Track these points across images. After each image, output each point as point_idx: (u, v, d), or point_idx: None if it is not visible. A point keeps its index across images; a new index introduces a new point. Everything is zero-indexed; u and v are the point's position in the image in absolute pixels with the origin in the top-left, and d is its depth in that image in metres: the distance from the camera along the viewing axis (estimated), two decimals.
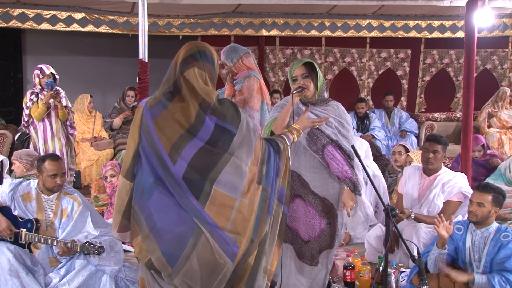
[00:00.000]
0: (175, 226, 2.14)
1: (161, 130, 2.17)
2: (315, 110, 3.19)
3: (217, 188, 2.15)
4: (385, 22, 8.01)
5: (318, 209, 3.21)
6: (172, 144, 2.15)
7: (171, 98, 2.21)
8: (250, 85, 4.23)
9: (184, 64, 2.24)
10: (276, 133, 3.17)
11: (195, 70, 2.21)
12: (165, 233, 2.14)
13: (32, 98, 5.41)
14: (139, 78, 4.13)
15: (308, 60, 3.17)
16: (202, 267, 2.13)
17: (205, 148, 2.16)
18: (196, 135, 2.16)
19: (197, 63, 2.23)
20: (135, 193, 2.23)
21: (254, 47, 8.21)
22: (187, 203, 2.14)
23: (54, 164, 3.42)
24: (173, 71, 2.26)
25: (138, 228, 2.20)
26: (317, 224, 3.21)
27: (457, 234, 3.34)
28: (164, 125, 2.17)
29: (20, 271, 3.16)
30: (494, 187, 3.30)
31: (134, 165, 2.23)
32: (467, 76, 4.83)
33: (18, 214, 3.39)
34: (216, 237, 2.13)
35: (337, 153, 3.15)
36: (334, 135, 3.16)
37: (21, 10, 6.72)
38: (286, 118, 3.13)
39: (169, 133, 2.16)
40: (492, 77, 8.73)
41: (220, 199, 2.16)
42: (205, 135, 2.16)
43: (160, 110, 2.20)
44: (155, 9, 6.69)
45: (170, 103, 2.20)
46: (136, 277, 3.51)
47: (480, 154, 5.55)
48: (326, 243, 3.24)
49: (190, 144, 2.15)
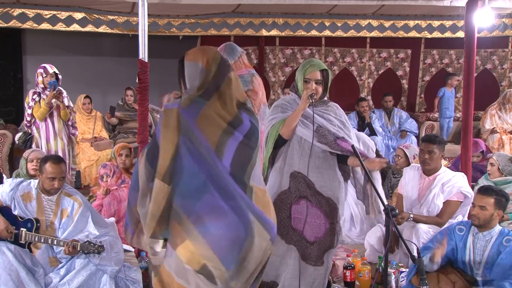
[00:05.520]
0: (230, 230, 2.13)
1: (204, 127, 2.19)
2: (317, 110, 3.23)
3: (253, 182, 2.25)
4: (385, 22, 8.02)
5: (323, 209, 3.23)
6: (216, 139, 2.19)
7: (208, 97, 2.24)
8: (259, 82, 4.37)
9: (224, 67, 2.33)
10: (283, 136, 3.21)
11: (236, 73, 2.37)
12: (222, 239, 2.13)
13: (35, 97, 5.41)
14: (139, 78, 4.12)
15: (325, 68, 3.23)
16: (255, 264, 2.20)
17: (244, 143, 2.24)
18: (237, 128, 2.23)
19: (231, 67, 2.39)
20: (177, 196, 2.17)
21: (254, 47, 8.22)
22: (238, 199, 2.17)
23: (54, 168, 3.41)
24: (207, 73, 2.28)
25: (185, 234, 2.15)
26: (322, 224, 3.24)
27: (458, 234, 3.33)
28: (207, 122, 2.20)
29: (20, 271, 3.16)
30: (496, 189, 3.27)
31: (173, 167, 2.17)
32: (467, 76, 4.83)
33: (18, 214, 3.39)
34: (267, 228, 2.22)
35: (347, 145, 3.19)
36: (339, 132, 3.22)
37: (21, 10, 6.73)
38: (295, 121, 3.18)
39: (213, 129, 2.20)
40: (492, 77, 8.73)
41: (258, 192, 2.25)
42: (245, 129, 2.25)
43: (200, 108, 2.21)
44: (155, 9, 6.69)
45: (208, 101, 2.23)
46: (136, 277, 3.51)
47: (479, 159, 5.58)
48: (329, 242, 3.27)
49: (232, 138, 2.21)
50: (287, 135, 3.22)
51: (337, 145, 3.18)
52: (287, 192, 3.28)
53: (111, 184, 4.68)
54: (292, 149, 3.27)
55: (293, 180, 3.26)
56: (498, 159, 4.69)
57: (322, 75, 3.20)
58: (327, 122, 3.22)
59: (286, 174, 3.28)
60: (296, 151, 3.26)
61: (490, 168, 4.73)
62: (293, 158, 3.26)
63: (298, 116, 3.17)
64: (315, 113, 3.18)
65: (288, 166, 3.28)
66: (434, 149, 3.93)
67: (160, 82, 7.23)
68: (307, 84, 3.19)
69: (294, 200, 3.26)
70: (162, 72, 7.69)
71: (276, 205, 3.21)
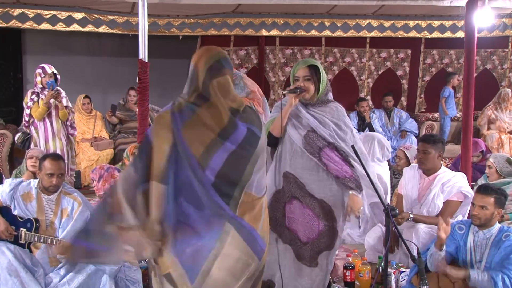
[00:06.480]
0: (195, 239, 2.10)
1: (190, 135, 2.12)
2: (312, 111, 3.18)
3: (248, 190, 2.18)
4: (385, 22, 8.02)
5: (316, 211, 3.16)
6: (202, 149, 2.11)
7: (199, 104, 2.18)
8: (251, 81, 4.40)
9: (213, 70, 2.22)
10: (273, 133, 3.18)
11: (226, 77, 2.24)
12: (186, 246, 2.10)
13: (33, 98, 5.41)
14: (139, 78, 4.13)
15: (313, 63, 3.16)
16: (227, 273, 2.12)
17: (236, 152, 2.16)
18: (228, 138, 2.15)
19: (226, 70, 2.25)
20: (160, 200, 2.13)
21: (254, 47, 8.22)
22: (216, 209, 2.11)
23: (53, 164, 3.42)
24: (197, 77, 2.22)
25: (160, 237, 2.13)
26: (315, 226, 3.17)
27: (459, 233, 3.32)
28: (192, 132, 2.13)
29: (20, 271, 3.16)
30: (495, 188, 3.27)
31: (169, 168, 2.10)
32: (467, 76, 4.83)
33: (18, 213, 3.39)
34: (248, 239, 2.15)
35: (334, 155, 3.13)
36: (331, 137, 3.13)
37: (21, 10, 6.73)
38: (284, 120, 3.14)
39: (198, 139, 2.12)
40: (492, 77, 8.73)
41: (250, 201, 2.18)
42: (238, 138, 2.17)
43: (189, 115, 2.16)
44: (155, 9, 6.69)
45: (199, 108, 2.17)
46: (136, 277, 3.51)
47: (478, 159, 5.57)
48: (324, 244, 3.20)
49: (222, 149, 2.13)
50: (276, 132, 3.16)
51: (320, 158, 3.11)
52: (281, 192, 3.24)
53: (99, 189, 4.68)
54: (285, 149, 3.22)
55: (285, 180, 3.22)
56: (495, 162, 4.65)
57: (311, 71, 3.13)
58: (320, 125, 3.14)
59: (279, 173, 3.24)
60: (288, 151, 3.20)
61: (488, 171, 4.71)
62: (286, 158, 3.21)
63: (285, 114, 3.12)
64: (309, 113, 3.14)
65: (281, 166, 3.23)
66: (428, 148, 3.92)
67: (160, 82, 7.24)
68: (296, 82, 3.16)
69: (287, 199, 3.22)
70: (162, 72, 7.70)
71: (272, 205, 3.20)
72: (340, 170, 3.13)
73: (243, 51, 8.19)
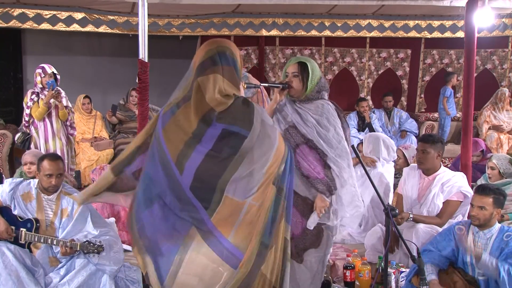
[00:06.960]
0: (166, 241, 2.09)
1: (168, 138, 2.10)
2: (298, 107, 3.16)
3: (228, 194, 2.08)
4: (385, 22, 8.01)
5: (299, 208, 3.11)
6: (178, 152, 2.08)
7: (181, 104, 2.14)
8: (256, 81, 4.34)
9: (201, 68, 2.13)
10: None
11: (210, 77, 2.11)
12: (156, 248, 2.09)
13: (33, 97, 5.42)
14: (139, 78, 4.12)
15: (304, 60, 3.16)
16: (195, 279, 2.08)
17: (211, 155, 2.08)
18: (200, 140, 2.08)
19: (216, 68, 2.13)
20: (135, 203, 2.16)
21: (254, 47, 8.22)
22: (193, 213, 2.08)
23: (51, 164, 3.42)
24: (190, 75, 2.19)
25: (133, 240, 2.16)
26: (299, 223, 3.12)
27: (458, 234, 3.32)
28: (171, 133, 2.11)
29: (20, 271, 3.16)
30: (494, 188, 3.27)
31: (127, 163, 2.19)
32: (467, 76, 4.83)
33: (18, 213, 3.39)
34: (215, 246, 2.07)
35: (310, 153, 3.09)
36: (311, 135, 3.08)
37: (21, 10, 6.72)
38: (269, 112, 3.15)
39: (175, 141, 2.09)
40: (492, 77, 8.72)
41: (229, 206, 2.09)
42: (209, 142, 2.08)
43: (169, 117, 2.13)
44: (155, 9, 6.69)
45: (178, 109, 2.13)
46: (136, 277, 3.51)
47: (478, 158, 5.56)
48: (310, 241, 3.15)
49: (196, 151, 2.08)
50: None
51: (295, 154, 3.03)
52: None
53: None
54: None
55: None
56: (498, 163, 4.54)
57: (299, 68, 3.13)
58: (302, 121, 3.11)
59: None
60: None
61: (491, 172, 4.59)
62: None
63: (270, 109, 3.16)
64: (295, 109, 3.14)
65: None
66: (427, 148, 3.92)
67: (160, 82, 7.22)
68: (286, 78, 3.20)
69: None
70: (162, 72, 7.69)
71: None
72: (312, 170, 3.07)
73: (243, 51, 8.19)
